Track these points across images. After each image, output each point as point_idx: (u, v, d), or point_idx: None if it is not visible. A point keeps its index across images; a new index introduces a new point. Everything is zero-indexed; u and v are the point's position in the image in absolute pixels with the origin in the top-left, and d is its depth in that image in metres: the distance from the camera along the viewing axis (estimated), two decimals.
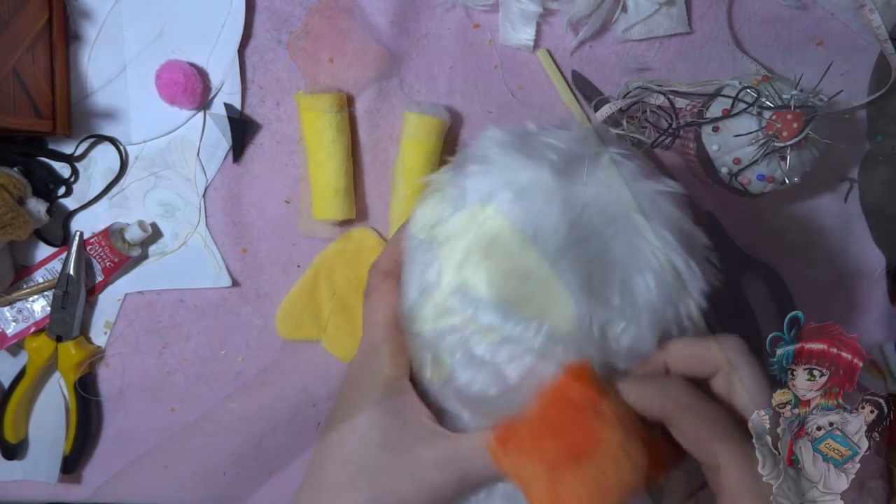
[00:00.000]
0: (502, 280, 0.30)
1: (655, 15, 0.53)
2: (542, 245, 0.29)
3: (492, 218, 0.30)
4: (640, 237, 0.30)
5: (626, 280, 0.30)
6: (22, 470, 0.57)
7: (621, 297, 0.30)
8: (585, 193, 0.30)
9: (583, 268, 0.29)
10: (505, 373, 0.31)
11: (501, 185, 0.31)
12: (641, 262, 0.30)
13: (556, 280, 0.29)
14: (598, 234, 0.30)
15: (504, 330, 0.30)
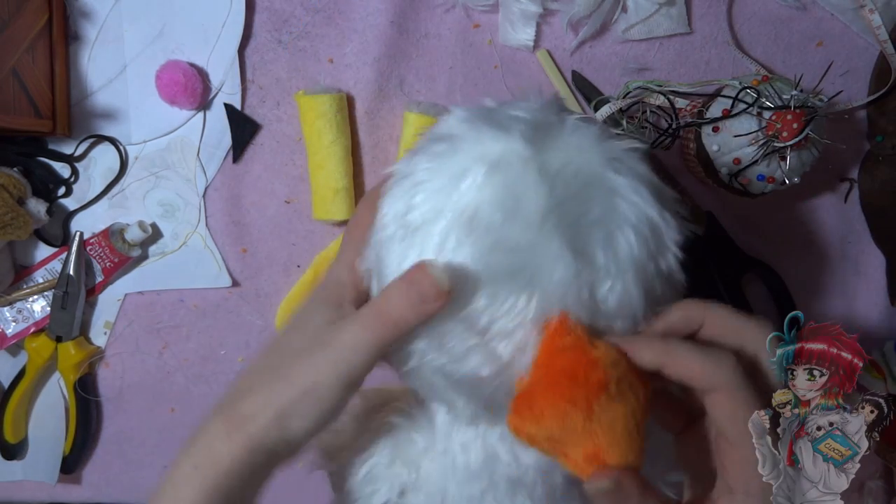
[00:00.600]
0: (488, 255, 0.30)
1: (655, 15, 0.53)
2: (524, 214, 0.29)
3: (468, 194, 0.30)
4: (616, 195, 0.30)
5: (607, 238, 0.30)
6: (22, 470, 0.57)
7: (604, 255, 0.30)
8: (557, 158, 0.30)
9: (565, 231, 0.29)
10: (498, 351, 0.31)
11: (473, 159, 0.31)
12: (620, 218, 0.30)
13: (542, 246, 0.29)
14: (574, 196, 0.30)
15: (494, 307, 0.30)
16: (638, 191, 0.31)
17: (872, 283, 0.58)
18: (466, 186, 0.30)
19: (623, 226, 0.30)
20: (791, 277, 0.58)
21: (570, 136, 0.31)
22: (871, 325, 0.58)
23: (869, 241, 0.58)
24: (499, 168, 0.30)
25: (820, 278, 0.58)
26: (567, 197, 0.30)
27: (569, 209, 0.30)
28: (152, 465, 0.59)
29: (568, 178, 0.30)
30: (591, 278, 0.30)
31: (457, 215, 0.30)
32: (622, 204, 0.30)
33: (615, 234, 0.30)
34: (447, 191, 0.31)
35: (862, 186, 0.56)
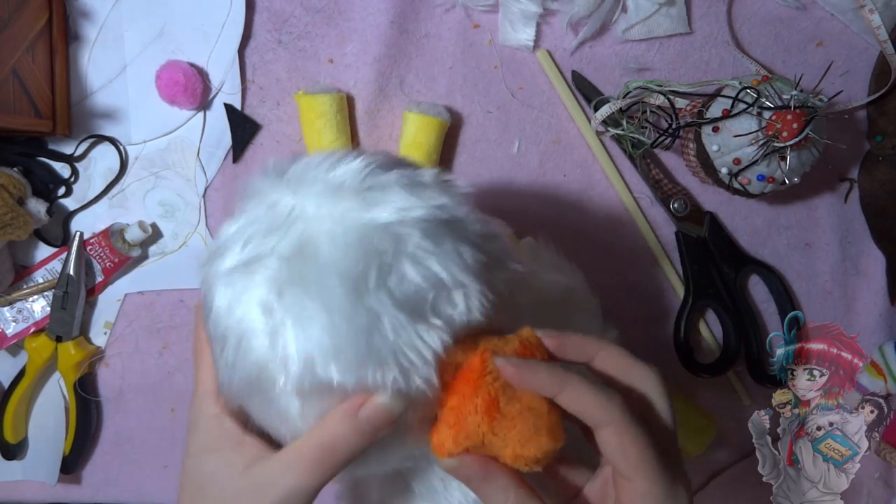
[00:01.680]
0: (341, 370, 0.29)
1: (655, 15, 0.53)
2: (338, 317, 0.28)
3: (280, 331, 0.29)
4: (388, 225, 0.30)
5: (413, 262, 0.29)
6: (21, 470, 0.57)
7: (423, 276, 0.29)
8: (321, 244, 0.29)
9: (378, 290, 0.29)
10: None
11: (254, 308, 0.29)
12: (407, 241, 0.29)
13: (370, 326, 0.28)
14: (362, 256, 0.29)
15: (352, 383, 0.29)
16: (399, 206, 0.30)
17: (872, 283, 0.58)
18: (272, 329, 0.29)
19: (417, 242, 0.29)
20: (791, 277, 0.58)
21: (312, 209, 0.30)
22: (871, 325, 0.58)
23: (869, 241, 0.58)
24: (283, 296, 0.29)
25: (820, 278, 0.58)
26: (353, 264, 0.29)
27: (365, 272, 0.29)
28: (152, 465, 0.58)
29: (342, 250, 0.29)
30: (431, 306, 0.29)
31: (285, 359, 0.29)
32: (398, 228, 0.29)
33: (416, 253, 0.29)
34: (258, 339, 0.29)
35: (862, 186, 0.56)
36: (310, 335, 0.29)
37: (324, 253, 0.29)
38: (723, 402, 0.58)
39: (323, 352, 0.29)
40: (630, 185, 0.56)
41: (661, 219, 0.57)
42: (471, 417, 0.30)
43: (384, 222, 0.30)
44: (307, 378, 0.29)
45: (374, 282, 0.29)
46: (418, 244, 0.29)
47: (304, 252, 0.29)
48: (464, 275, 0.30)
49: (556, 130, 0.55)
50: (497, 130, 0.55)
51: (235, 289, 0.30)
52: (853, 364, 0.50)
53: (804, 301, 0.58)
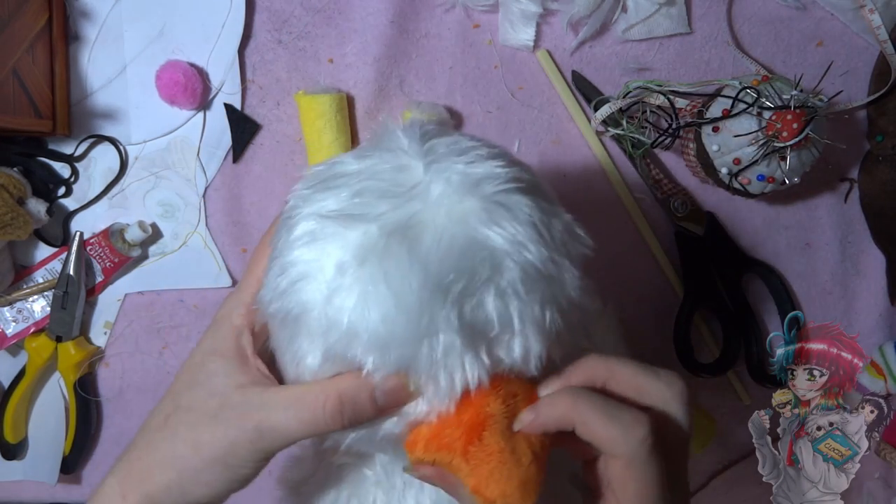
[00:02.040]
0: (372, 353, 0.29)
1: (655, 15, 0.53)
2: (400, 309, 0.28)
3: (338, 291, 0.28)
4: (497, 251, 0.28)
5: (498, 297, 0.28)
6: (21, 470, 0.57)
7: (498, 315, 0.28)
8: (427, 233, 0.28)
9: (450, 307, 0.28)
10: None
11: (335, 253, 0.29)
12: (506, 275, 0.28)
13: (425, 334, 0.28)
14: (455, 267, 0.28)
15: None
16: (519, 241, 0.29)
17: (872, 283, 0.58)
18: (335, 283, 0.29)
19: (512, 282, 0.28)
20: (791, 277, 0.58)
21: (437, 194, 0.29)
22: (871, 325, 0.58)
23: (869, 241, 0.58)
24: (364, 263, 0.28)
25: (820, 278, 0.58)
26: (445, 273, 0.28)
27: (449, 285, 0.28)
28: None
29: (442, 253, 0.28)
30: (488, 339, 0.29)
31: (330, 316, 0.29)
32: (506, 260, 0.28)
33: (505, 291, 0.28)
34: (316, 283, 0.29)
35: (862, 186, 0.56)
36: (367, 315, 0.28)
37: (424, 246, 0.28)
38: (723, 402, 0.58)
39: (371, 337, 0.28)
40: (630, 185, 0.56)
41: (661, 219, 0.57)
42: (450, 431, 0.29)
43: (495, 246, 0.28)
44: (341, 348, 0.29)
45: (453, 297, 0.28)
46: (512, 284, 0.28)
47: (406, 234, 0.28)
48: (534, 333, 0.29)
49: (556, 130, 0.55)
50: (497, 130, 0.55)
51: (324, 232, 0.29)
52: (853, 364, 0.50)
53: (804, 301, 0.58)
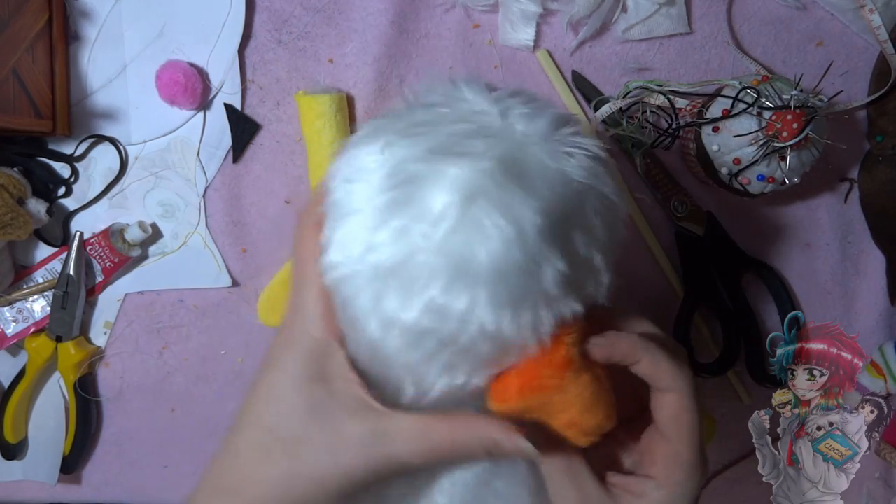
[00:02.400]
0: (484, 288, 0.28)
1: (655, 15, 0.53)
2: (524, 236, 0.27)
3: (451, 234, 0.28)
4: (580, 188, 0.30)
5: (585, 230, 0.31)
6: (21, 470, 0.57)
7: (586, 248, 0.31)
8: (530, 166, 0.29)
9: (559, 236, 0.29)
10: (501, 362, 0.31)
11: (440, 194, 0.28)
12: (588, 206, 0.31)
13: (541, 263, 0.28)
14: (560, 197, 0.29)
15: (497, 331, 0.29)
16: (597, 174, 0.31)
17: (872, 283, 0.58)
18: (445, 225, 0.28)
19: (596, 215, 0.31)
20: (791, 277, 0.58)
21: (524, 136, 0.30)
22: (870, 325, 0.58)
23: (869, 241, 0.58)
24: (474, 198, 0.28)
25: (820, 278, 0.58)
26: (554, 205, 0.29)
27: (555, 218, 0.29)
28: (152, 465, 0.59)
29: (548, 185, 0.29)
30: (581, 276, 0.31)
31: (442, 257, 0.28)
32: (590, 192, 0.31)
33: (593, 225, 0.31)
34: (421, 231, 0.28)
35: (862, 186, 0.56)
36: (481, 250, 0.27)
37: (532, 179, 0.28)
38: (723, 402, 0.58)
39: (485, 272, 0.27)
40: (630, 185, 0.56)
41: (661, 219, 0.57)
42: (545, 371, 0.30)
43: (581, 180, 0.30)
44: (446, 294, 0.28)
45: (563, 229, 0.29)
46: (597, 215, 0.31)
47: (513, 169, 0.28)
48: (607, 265, 0.32)
49: None
50: None
51: (422, 173, 0.28)
52: (853, 364, 0.50)
53: (804, 301, 0.58)
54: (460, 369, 0.30)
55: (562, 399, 0.30)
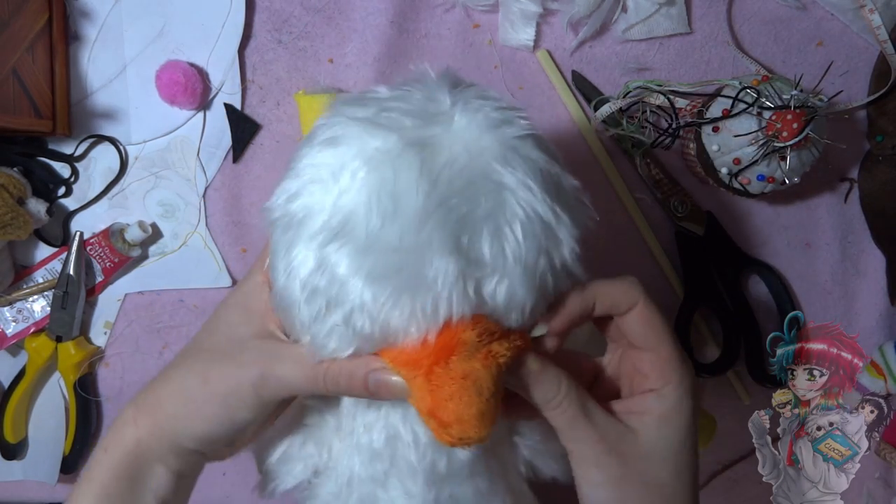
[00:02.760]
0: (364, 257, 0.29)
1: (655, 15, 0.53)
2: (402, 215, 0.28)
3: (346, 192, 0.29)
4: (505, 189, 0.30)
5: (494, 235, 0.29)
6: (21, 470, 0.57)
7: (490, 252, 0.29)
8: (442, 154, 0.29)
9: (449, 229, 0.29)
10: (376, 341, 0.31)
11: (353, 156, 0.30)
12: (508, 214, 0.30)
13: (422, 248, 0.29)
14: (459, 192, 0.29)
15: (374, 307, 0.29)
16: (527, 185, 0.30)
17: (872, 283, 0.58)
18: (344, 184, 0.30)
19: (511, 221, 0.30)
20: (791, 277, 0.58)
21: (460, 125, 0.30)
22: (871, 325, 0.58)
23: (869, 241, 0.58)
24: (377, 167, 0.29)
25: (820, 278, 0.58)
26: (451, 194, 0.29)
27: (452, 207, 0.29)
28: None
29: (453, 174, 0.29)
30: (478, 275, 0.30)
31: (335, 212, 0.30)
32: (510, 199, 0.30)
33: (503, 229, 0.30)
34: (326, 186, 0.30)
35: (862, 186, 0.56)
36: (370, 218, 0.29)
37: (437, 164, 0.29)
38: (723, 402, 0.58)
39: (368, 240, 0.29)
40: (630, 185, 0.56)
41: (661, 219, 0.57)
42: (419, 350, 0.30)
43: (503, 183, 0.30)
44: (337, 254, 0.29)
45: (454, 221, 0.29)
46: (511, 223, 0.30)
47: (423, 150, 0.29)
48: (522, 279, 0.30)
49: (556, 130, 0.55)
50: None
51: (346, 136, 0.30)
52: (853, 364, 0.50)
53: (804, 301, 0.58)
54: (345, 339, 0.31)
55: (427, 382, 0.30)
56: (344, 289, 0.30)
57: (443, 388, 0.30)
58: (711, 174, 0.52)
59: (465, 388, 0.30)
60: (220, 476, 0.59)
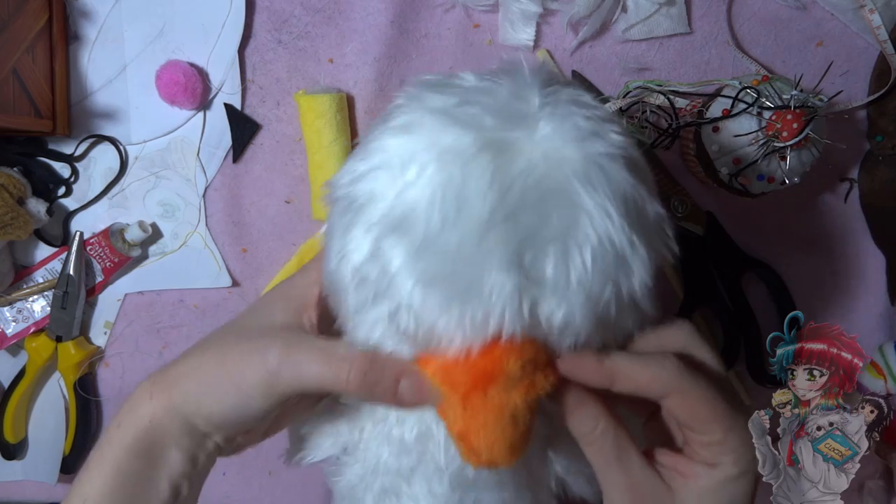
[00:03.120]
0: (417, 256, 0.27)
1: (655, 15, 0.53)
2: (465, 220, 0.27)
3: (411, 186, 0.27)
4: (581, 210, 0.27)
5: (561, 257, 0.27)
6: (22, 470, 0.57)
7: (554, 274, 0.27)
8: (521, 160, 0.27)
9: (514, 246, 0.27)
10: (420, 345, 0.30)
11: (424, 148, 0.28)
12: (580, 237, 0.27)
13: (480, 258, 0.27)
14: (532, 206, 0.27)
15: (422, 309, 0.28)
16: (606, 210, 0.27)
17: (872, 283, 0.58)
18: (411, 177, 0.28)
19: (582, 245, 0.27)
20: (791, 277, 0.58)
21: (544, 133, 0.28)
22: (871, 325, 0.58)
23: (869, 241, 0.58)
24: (447, 166, 0.27)
25: (820, 278, 0.58)
26: (520, 207, 0.27)
27: (520, 221, 0.27)
28: None
29: (527, 185, 0.27)
30: (536, 294, 0.28)
31: (397, 203, 0.28)
32: (585, 222, 0.27)
33: (571, 252, 0.27)
34: (393, 175, 0.28)
35: (862, 186, 0.56)
36: (430, 218, 0.27)
37: (512, 172, 0.27)
38: None
39: (426, 240, 0.27)
40: None
41: None
42: (460, 371, 0.28)
43: (580, 204, 0.27)
44: (392, 248, 0.28)
45: (520, 235, 0.27)
46: (581, 247, 0.27)
47: (498, 154, 0.27)
48: (582, 307, 0.28)
49: None
50: None
51: (420, 125, 0.28)
52: (853, 364, 0.50)
53: (804, 301, 0.58)
54: (388, 335, 0.30)
55: (462, 408, 0.29)
56: (394, 284, 0.28)
57: (478, 415, 0.28)
58: (711, 174, 0.51)
59: (501, 419, 0.28)
60: (220, 476, 0.59)
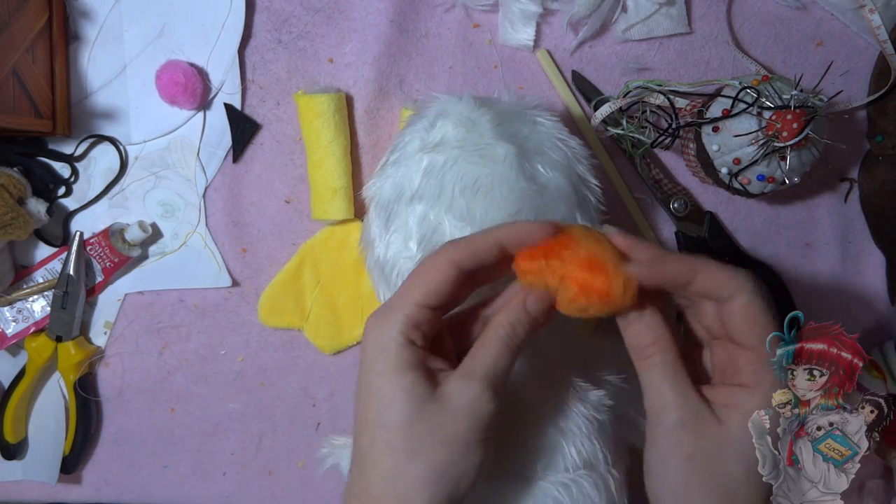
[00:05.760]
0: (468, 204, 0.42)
1: (655, 15, 0.53)
2: (492, 157, 0.42)
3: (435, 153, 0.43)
4: (538, 125, 0.45)
5: (539, 151, 0.44)
6: (21, 470, 0.57)
7: (542, 162, 0.44)
8: (500, 117, 0.44)
9: (520, 159, 0.43)
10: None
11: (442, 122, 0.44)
12: (544, 137, 0.45)
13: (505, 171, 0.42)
14: (517, 133, 0.44)
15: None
16: (548, 119, 0.45)
17: (872, 283, 0.58)
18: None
19: (546, 140, 0.44)
20: (791, 277, 0.58)
21: (507, 105, 0.45)
22: (871, 325, 0.58)
23: (869, 241, 0.58)
24: (461, 122, 0.43)
25: (820, 278, 0.58)
26: (511, 134, 0.43)
27: (515, 140, 0.43)
28: (152, 465, 0.59)
29: (510, 126, 0.43)
30: (532, 173, 0.43)
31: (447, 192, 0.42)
32: (542, 129, 0.44)
33: (543, 147, 0.44)
34: (457, 136, 0.43)
35: (862, 186, 0.56)
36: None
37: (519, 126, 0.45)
38: None
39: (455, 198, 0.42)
40: (630, 185, 0.56)
41: (661, 219, 0.57)
42: (555, 241, 0.33)
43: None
44: (429, 214, 0.43)
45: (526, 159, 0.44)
46: (548, 151, 0.45)
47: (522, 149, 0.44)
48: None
49: None
50: None
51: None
52: (853, 364, 0.50)
53: (804, 301, 0.58)
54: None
55: (572, 254, 0.32)
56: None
57: (585, 267, 0.32)
58: (711, 174, 0.51)
59: (610, 257, 0.32)
60: (221, 476, 0.59)
